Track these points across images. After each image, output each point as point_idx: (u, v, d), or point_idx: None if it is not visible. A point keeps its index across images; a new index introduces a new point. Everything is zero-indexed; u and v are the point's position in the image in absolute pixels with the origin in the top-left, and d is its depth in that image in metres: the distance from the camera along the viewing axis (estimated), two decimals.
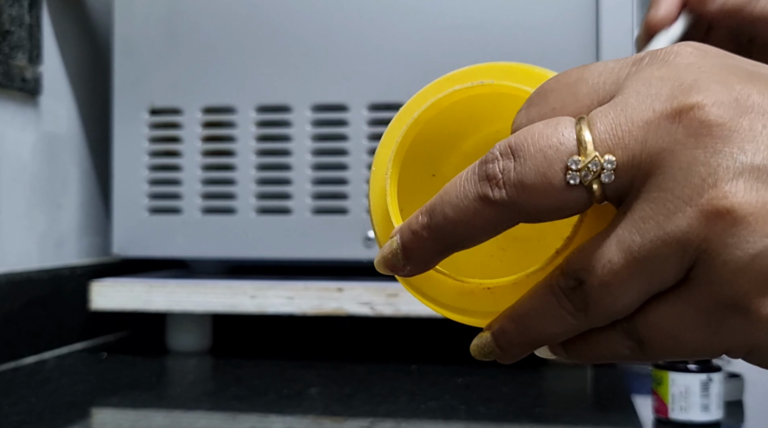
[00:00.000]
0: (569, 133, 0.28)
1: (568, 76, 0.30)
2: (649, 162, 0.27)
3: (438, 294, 0.33)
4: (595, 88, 0.29)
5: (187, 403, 0.71)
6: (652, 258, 0.27)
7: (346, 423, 0.63)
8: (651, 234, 0.27)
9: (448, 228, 0.30)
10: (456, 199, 0.29)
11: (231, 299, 0.85)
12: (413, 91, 0.36)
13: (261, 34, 0.89)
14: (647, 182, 0.27)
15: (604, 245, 0.28)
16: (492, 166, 0.29)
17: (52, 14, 0.95)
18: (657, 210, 0.27)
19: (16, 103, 0.89)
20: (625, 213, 0.28)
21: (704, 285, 0.27)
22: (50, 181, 0.95)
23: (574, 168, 0.28)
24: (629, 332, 0.29)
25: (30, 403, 0.68)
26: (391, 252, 0.31)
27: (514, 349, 0.31)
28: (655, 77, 0.28)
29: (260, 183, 0.90)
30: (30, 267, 0.90)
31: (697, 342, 0.28)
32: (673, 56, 0.29)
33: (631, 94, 0.28)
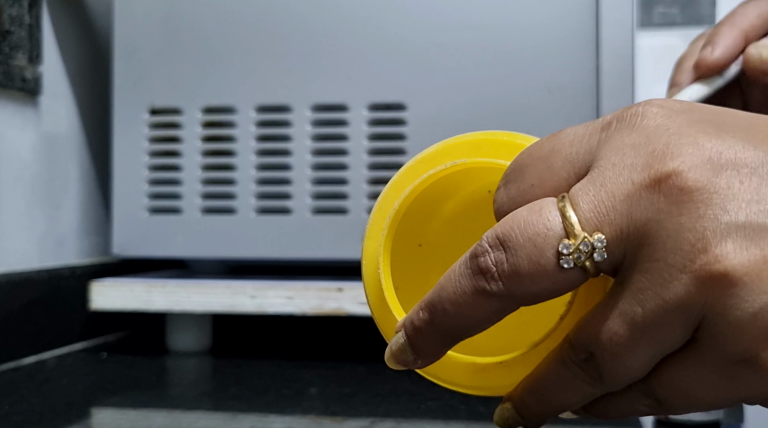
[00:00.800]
0: (554, 216, 0.29)
1: (541, 149, 0.31)
2: (638, 233, 0.28)
3: (453, 376, 0.34)
4: (569, 159, 0.30)
5: (187, 403, 0.71)
6: (655, 326, 0.28)
7: (346, 423, 0.63)
8: (651, 304, 0.28)
9: (451, 323, 0.31)
10: (454, 295, 0.30)
11: (231, 299, 0.85)
12: (413, 90, 0.36)
13: (261, 35, 0.89)
14: (639, 253, 0.28)
15: (608, 318, 0.29)
16: (483, 258, 0.29)
17: (52, 14, 0.95)
18: (653, 280, 0.28)
19: (15, 103, 0.89)
20: (622, 284, 0.29)
21: (711, 345, 0.28)
22: (50, 181, 0.95)
23: (565, 252, 0.28)
24: (646, 392, 0.30)
25: (30, 403, 0.68)
26: (400, 348, 0.33)
27: (536, 419, 0.33)
28: (627, 145, 0.29)
29: (260, 183, 0.90)
30: (30, 267, 0.90)
31: (712, 397, 0.29)
32: (640, 119, 0.29)
33: (607, 167, 0.29)
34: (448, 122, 0.85)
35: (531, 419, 0.33)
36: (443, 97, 0.85)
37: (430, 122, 0.86)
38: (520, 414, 0.33)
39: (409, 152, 0.87)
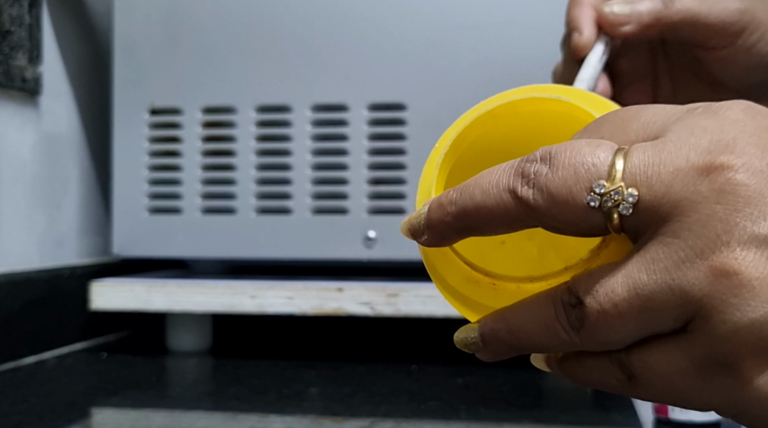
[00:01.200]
0: (605, 157, 0.29)
1: (627, 112, 0.31)
2: (670, 207, 0.28)
3: (447, 273, 0.34)
4: (644, 126, 0.30)
5: (187, 403, 0.71)
6: (653, 300, 0.28)
7: (346, 423, 0.63)
8: (657, 276, 0.28)
9: (471, 210, 0.31)
10: (487, 185, 0.30)
11: (231, 299, 0.85)
12: (413, 90, 0.37)
13: (261, 35, 0.89)
14: (664, 226, 0.28)
15: (612, 274, 0.29)
16: (529, 165, 0.30)
17: (52, 14, 0.95)
18: (668, 255, 0.28)
19: (16, 103, 0.89)
20: (638, 250, 0.29)
21: (700, 339, 0.28)
22: (50, 181, 0.95)
23: (597, 191, 0.28)
24: (622, 365, 0.30)
25: (30, 403, 0.68)
26: (417, 217, 0.33)
27: (496, 347, 0.32)
28: (699, 126, 0.29)
29: (260, 183, 0.90)
30: (30, 267, 0.90)
31: (685, 392, 0.29)
32: (724, 110, 0.30)
33: (673, 139, 0.29)
34: (448, 122, 0.85)
35: (493, 348, 0.32)
36: (443, 97, 0.85)
37: (430, 122, 0.86)
38: (483, 339, 0.32)
39: (409, 152, 0.87)
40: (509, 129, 0.36)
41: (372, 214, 0.87)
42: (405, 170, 0.87)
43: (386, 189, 0.87)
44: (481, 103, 0.36)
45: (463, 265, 0.34)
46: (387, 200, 0.87)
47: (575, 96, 0.34)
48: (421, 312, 0.81)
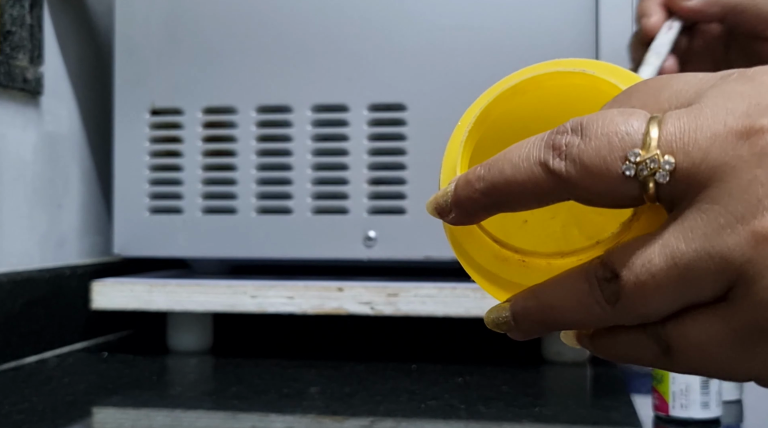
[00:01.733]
0: (639, 125, 0.28)
1: (657, 81, 0.31)
2: (708, 173, 0.27)
3: (474, 251, 0.33)
4: (676, 94, 0.30)
5: (188, 402, 0.71)
6: (692, 268, 0.27)
7: (347, 422, 0.63)
8: (696, 244, 0.27)
9: (501, 185, 0.30)
10: (517, 158, 0.30)
11: (231, 298, 0.85)
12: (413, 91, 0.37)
13: (261, 35, 0.89)
14: (702, 193, 0.27)
15: (648, 245, 0.28)
16: (560, 137, 0.29)
17: (53, 15, 0.96)
18: (707, 222, 0.27)
19: (17, 103, 0.89)
20: (675, 219, 0.28)
21: (743, 306, 0.27)
22: (51, 181, 0.95)
23: (632, 160, 0.28)
24: (658, 337, 0.29)
25: (31, 402, 0.68)
26: (444, 195, 0.32)
27: (528, 325, 0.31)
28: (736, 92, 0.28)
29: (261, 183, 0.90)
30: (31, 267, 0.90)
31: (725, 362, 0.28)
32: (761, 74, 0.29)
33: (708, 104, 0.28)
34: (448, 122, 0.85)
35: (525, 326, 0.31)
36: (443, 97, 0.85)
37: (430, 123, 0.86)
38: (515, 318, 0.31)
39: (409, 152, 0.87)
40: (534, 104, 0.35)
41: (372, 214, 0.87)
42: (405, 170, 0.87)
43: (386, 189, 0.87)
44: (504, 79, 0.35)
45: (491, 243, 0.33)
46: (387, 200, 0.87)
47: (600, 69, 0.33)
48: (420, 311, 0.81)
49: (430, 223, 0.92)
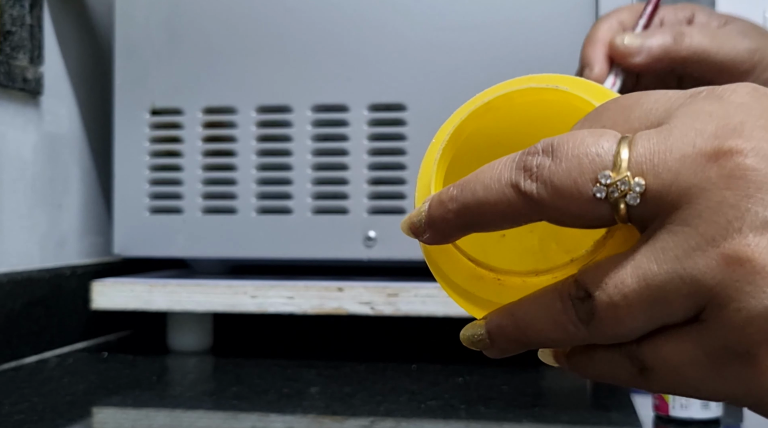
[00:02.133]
0: (609, 146, 0.28)
1: (628, 99, 0.31)
2: (678, 195, 0.27)
3: (450, 270, 0.33)
4: (647, 113, 0.30)
5: (188, 402, 0.71)
6: (664, 289, 0.28)
7: (347, 422, 0.63)
8: (668, 266, 0.27)
9: (473, 206, 0.30)
10: (489, 180, 0.30)
11: (232, 299, 0.85)
12: (413, 91, 0.37)
13: (261, 35, 0.90)
14: (673, 214, 0.28)
15: (621, 265, 0.28)
16: (531, 158, 0.29)
17: (53, 15, 0.96)
18: (678, 244, 0.27)
19: (17, 104, 0.89)
20: (647, 240, 0.28)
21: (715, 328, 0.27)
22: (51, 181, 0.96)
23: (603, 182, 0.28)
24: (633, 357, 0.29)
25: (31, 402, 0.68)
26: (418, 215, 0.32)
27: (504, 343, 0.32)
28: (704, 111, 0.28)
29: (261, 183, 0.90)
30: (31, 267, 0.90)
31: (699, 383, 0.29)
32: (729, 93, 0.29)
33: (678, 125, 0.28)
34: None
35: (500, 344, 0.31)
36: (443, 97, 0.85)
37: (430, 122, 0.86)
38: (490, 336, 0.31)
39: (409, 152, 0.87)
40: (507, 121, 0.35)
41: (372, 214, 0.87)
42: (405, 170, 0.87)
43: (386, 189, 0.87)
44: (477, 96, 0.35)
45: (466, 262, 0.33)
46: (387, 200, 0.87)
47: (573, 85, 0.33)
48: (421, 311, 0.81)
49: None
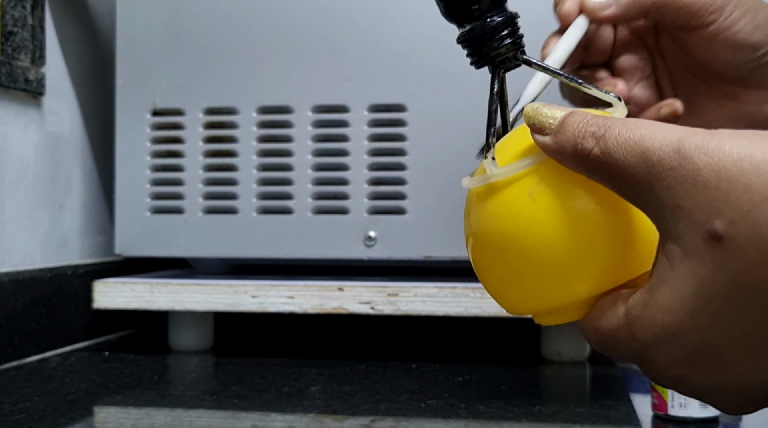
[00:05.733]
0: None
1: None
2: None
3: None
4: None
5: (189, 401, 0.72)
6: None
7: (347, 421, 0.64)
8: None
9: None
10: None
11: (232, 298, 0.85)
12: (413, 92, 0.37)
13: (262, 36, 0.90)
14: None
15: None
16: None
17: (54, 16, 0.96)
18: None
19: (19, 104, 0.90)
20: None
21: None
22: (53, 182, 0.96)
23: None
24: None
25: (33, 401, 0.68)
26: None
27: None
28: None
29: (261, 183, 0.90)
30: (33, 266, 0.90)
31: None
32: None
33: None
34: (448, 123, 0.86)
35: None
36: (443, 98, 0.86)
37: (430, 123, 0.86)
38: None
39: (409, 153, 0.87)
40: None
41: (372, 214, 0.88)
42: (405, 171, 0.87)
43: (386, 189, 0.88)
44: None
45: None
46: (387, 200, 0.88)
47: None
48: (420, 311, 0.82)
49: (430, 223, 0.93)
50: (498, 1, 0.43)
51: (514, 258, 0.36)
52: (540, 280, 0.36)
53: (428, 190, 0.87)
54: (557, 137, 0.35)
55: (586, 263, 0.35)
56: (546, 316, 0.38)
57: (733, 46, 0.51)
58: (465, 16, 0.44)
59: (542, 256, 0.35)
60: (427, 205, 0.86)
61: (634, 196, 0.33)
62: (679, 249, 0.31)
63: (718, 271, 0.30)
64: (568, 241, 0.35)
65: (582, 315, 0.36)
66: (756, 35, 0.51)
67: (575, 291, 0.36)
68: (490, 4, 0.43)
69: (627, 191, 0.33)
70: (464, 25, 0.44)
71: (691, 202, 0.31)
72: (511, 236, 0.36)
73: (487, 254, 0.38)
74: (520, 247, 0.36)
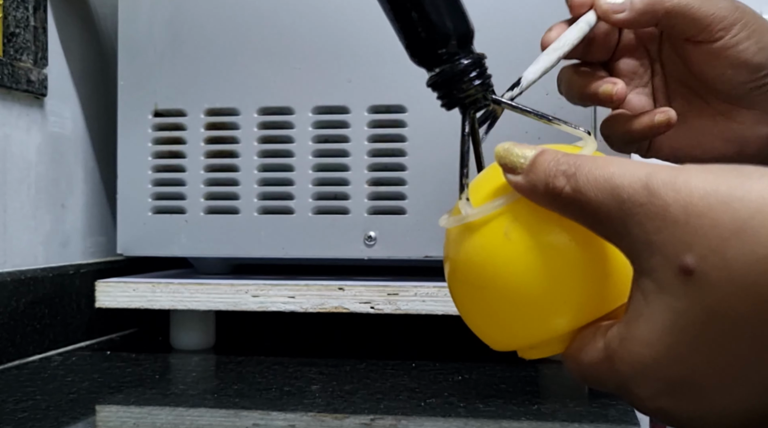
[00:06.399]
0: None
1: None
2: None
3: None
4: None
5: (191, 400, 0.72)
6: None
7: (347, 420, 0.64)
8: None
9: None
10: None
11: (234, 297, 0.86)
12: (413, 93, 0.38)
13: (263, 38, 0.90)
14: None
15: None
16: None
17: (57, 17, 0.96)
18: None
19: (21, 105, 0.90)
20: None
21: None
22: (55, 182, 0.96)
23: None
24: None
25: (35, 400, 0.69)
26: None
27: None
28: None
29: (262, 183, 0.91)
30: (35, 266, 0.91)
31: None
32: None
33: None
34: (447, 124, 0.86)
35: None
36: None
37: (430, 124, 0.87)
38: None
39: (409, 153, 0.87)
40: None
41: (372, 214, 0.88)
42: (405, 171, 0.88)
43: (386, 189, 0.88)
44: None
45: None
46: (387, 201, 0.88)
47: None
48: (420, 310, 0.82)
49: (430, 223, 0.93)
50: (465, 44, 0.44)
51: (492, 296, 0.37)
52: (519, 317, 0.37)
53: (428, 191, 0.87)
54: (529, 176, 0.36)
55: (564, 298, 0.36)
56: (529, 350, 0.39)
57: (735, 64, 0.52)
58: (433, 60, 0.45)
59: (520, 293, 0.36)
60: (427, 205, 0.87)
61: (607, 232, 0.34)
62: (653, 283, 0.32)
63: (692, 304, 0.31)
64: (545, 278, 0.35)
65: (564, 348, 0.37)
66: (759, 56, 0.52)
67: (555, 326, 0.36)
68: (458, 47, 0.43)
69: (599, 227, 0.34)
70: (433, 69, 0.45)
71: (662, 238, 0.31)
72: (489, 275, 0.36)
73: (466, 292, 0.38)
74: (498, 286, 0.36)
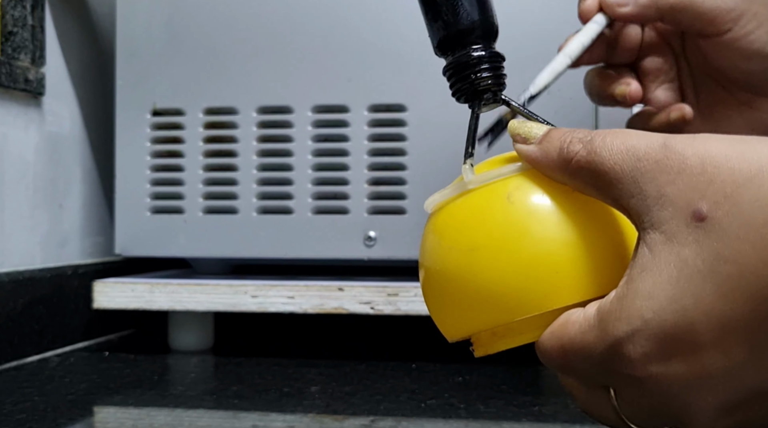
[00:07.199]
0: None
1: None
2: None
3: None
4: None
5: (189, 401, 0.72)
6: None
7: (347, 421, 0.64)
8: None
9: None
10: None
11: (232, 298, 0.85)
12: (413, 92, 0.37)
13: (262, 36, 0.90)
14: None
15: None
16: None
17: (54, 16, 0.96)
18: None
19: (19, 104, 0.90)
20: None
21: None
22: (53, 182, 0.96)
23: None
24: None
25: (33, 401, 0.68)
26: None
27: None
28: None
29: (261, 183, 0.90)
30: (33, 266, 0.90)
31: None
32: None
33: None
34: (447, 123, 0.86)
35: None
36: (443, 98, 0.85)
37: (430, 123, 0.86)
38: None
39: (409, 153, 0.87)
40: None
41: (372, 214, 0.88)
42: (405, 171, 0.87)
43: (386, 189, 0.88)
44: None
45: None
46: (387, 200, 0.88)
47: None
48: (420, 311, 0.82)
49: None
50: (488, 38, 0.44)
51: (486, 258, 0.37)
52: (513, 283, 0.37)
53: (428, 190, 0.86)
54: (542, 145, 0.36)
55: (560, 268, 0.36)
56: (499, 340, 0.39)
57: (747, 54, 0.52)
58: (454, 46, 0.45)
59: (518, 257, 0.36)
60: None
61: (617, 194, 0.33)
62: (662, 235, 0.32)
63: (701, 249, 0.31)
64: (545, 244, 0.36)
65: (539, 336, 0.37)
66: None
67: (546, 297, 0.36)
68: (481, 39, 0.44)
69: (608, 190, 0.34)
70: (452, 55, 0.45)
71: (676, 188, 0.31)
72: (484, 234, 0.37)
73: (453, 259, 0.39)
74: (494, 247, 0.36)
